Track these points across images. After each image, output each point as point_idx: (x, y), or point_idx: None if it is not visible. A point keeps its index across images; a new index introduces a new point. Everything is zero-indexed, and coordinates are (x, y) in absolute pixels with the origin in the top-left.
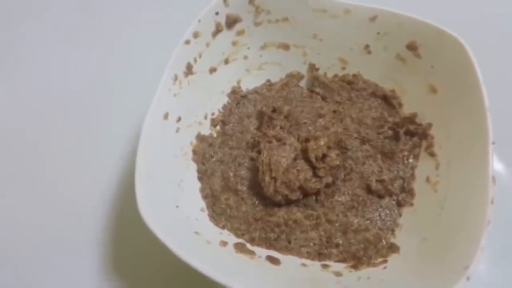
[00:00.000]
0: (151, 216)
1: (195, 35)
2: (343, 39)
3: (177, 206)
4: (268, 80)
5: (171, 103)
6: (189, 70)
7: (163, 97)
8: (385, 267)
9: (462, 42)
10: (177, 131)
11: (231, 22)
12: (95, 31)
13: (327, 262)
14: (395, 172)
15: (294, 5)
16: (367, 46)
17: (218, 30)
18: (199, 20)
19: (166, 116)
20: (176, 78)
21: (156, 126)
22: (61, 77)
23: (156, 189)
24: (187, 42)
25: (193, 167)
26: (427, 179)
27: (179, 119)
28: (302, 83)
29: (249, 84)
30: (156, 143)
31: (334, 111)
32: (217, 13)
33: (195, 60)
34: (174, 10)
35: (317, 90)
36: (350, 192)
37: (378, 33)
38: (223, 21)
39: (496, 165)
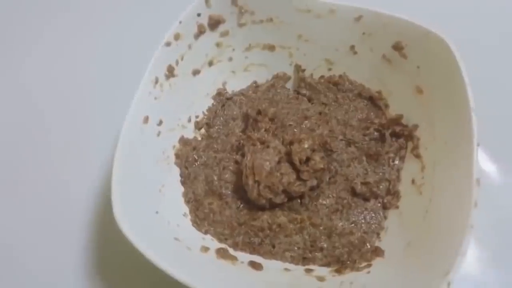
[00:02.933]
0: (127, 222)
1: (176, 37)
2: (328, 40)
3: (156, 212)
4: (255, 82)
5: (152, 106)
6: (170, 72)
7: (143, 101)
8: (368, 272)
9: (448, 42)
10: (158, 134)
11: (214, 23)
12: (73, 33)
13: (311, 267)
14: (381, 174)
15: (278, 6)
16: (352, 47)
17: (200, 32)
18: (180, 22)
19: (146, 120)
20: (156, 81)
21: (135, 130)
22: (39, 79)
23: (134, 194)
24: (168, 44)
25: (176, 171)
26: (413, 181)
27: (160, 122)
28: (289, 85)
29: (235, 86)
30: (135, 147)
31: (320, 113)
32: (199, 15)
33: (177, 63)
34: (155, 11)
35: (303, 91)
36: (335, 195)
37: (364, 33)
38: (205, 22)
39: (489, 167)
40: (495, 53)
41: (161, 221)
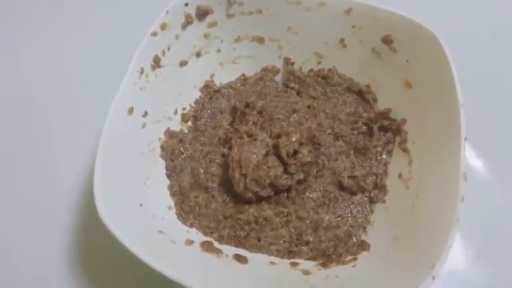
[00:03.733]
0: (109, 215)
1: (163, 26)
2: (318, 33)
3: (141, 205)
4: (243, 74)
5: (137, 97)
6: (156, 63)
7: (128, 91)
8: (354, 265)
9: (437, 36)
10: (144, 126)
11: (202, 13)
12: (58, 23)
13: (296, 260)
14: (368, 168)
15: None
16: (342, 40)
17: (188, 22)
18: (167, 11)
19: (130, 111)
20: (142, 71)
21: (120, 121)
22: (22, 70)
23: (117, 187)
24: (154, 34)
25: (161, 163)
26: (400, 176)
27: (145, 114)
28: (278, 78)
29: (223, 78)
30: (119, 139)
31: (309, 107)
32: (186, 4)
33: (164, 53)
34: (142, 1)
35: (292, 85)
36: (321, 188)
37: (353, 26)
38: (193, 12)
39: (477, 163)
40: (484, 50)
41: (145, 214)
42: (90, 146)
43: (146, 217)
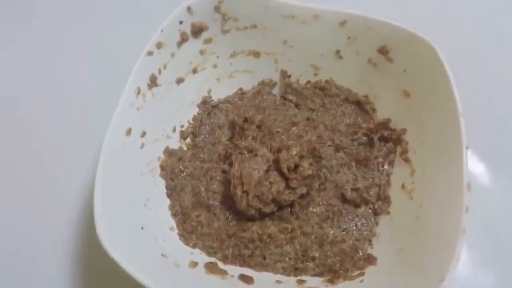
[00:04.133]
0: (111, 241)
1: (158, 45)
2: (313, 45)
3: (142, 228)
4: (240, 89)
5: (134, 117)
6: (153, 82)
7: (125, 112)
8: (361, 280)
9: (433, 45)
10: (142, 146)
11: (197, 30)
12: (54, 44)
13: (303, 277)
14: (370, 179)
15: (261, 12)
16: (338, 52)
17: (183, 40)
18: (162, 30)
19: (128, 132)
20: (139, 91)
21: (118, 143)
22: (18, 90)
23: (117, 211)
24: (150, 53)
25: (161, 183)
26: (403, 186)
27: (143, 134)
28: (275, 91)
29: (220, 93)
30: (117, 161)
31: (308, 119)
32: (181, 22)
33: (160, 72)
34: (136, 21)
35: (290, 97)
36: (325, 202)
37: (349, 37)
38: (188, 30)
39: (480, 168)
40: (481, 55)
41: (147, 238)
42: (88, 169)
43: (148, 241)
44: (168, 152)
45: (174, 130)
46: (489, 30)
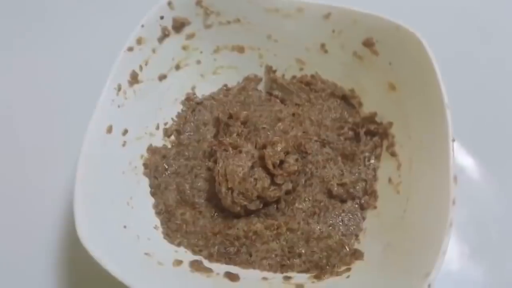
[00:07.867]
0: (92, 240)
1: (139, 41)
2: (298, 39)
3: (124, 226)
4: (225, 85)
5: (115, 115)
6: (134, 78)
7: (105, 110)
8: (348, 276)
9: (418, 37)
10: (124, 144)
11: (179, 25)
12: (32, 40)
13: (289, 274)
14: (357, 174)
15: (244, 5)
16: (323, 45)
17: (165, 35)
18: (142, 25)
19: (109, 130)
20: (119, 88)
21: (98, 141)
22: None
23: (99, 209)
24: (130, 49)
25: (145, 182)
26: (389, 180)
27: (125, 131)
28: (261, 86)
29: (204, 90)
30: (98, 160)
31: (293, 114)
32: (162, 17)
33: (141, 68)
34: (116, 16)
35: (276, 93)
36: (311, 198)
37: (333, 31)
38: (169, 25)
39: (467, 161)
40: (467, 47)
41: (129, 236)
42: (68, 168)
43: (131, 239)
44: (152, 150)
45: (157, 127)
46: (476, 23)
